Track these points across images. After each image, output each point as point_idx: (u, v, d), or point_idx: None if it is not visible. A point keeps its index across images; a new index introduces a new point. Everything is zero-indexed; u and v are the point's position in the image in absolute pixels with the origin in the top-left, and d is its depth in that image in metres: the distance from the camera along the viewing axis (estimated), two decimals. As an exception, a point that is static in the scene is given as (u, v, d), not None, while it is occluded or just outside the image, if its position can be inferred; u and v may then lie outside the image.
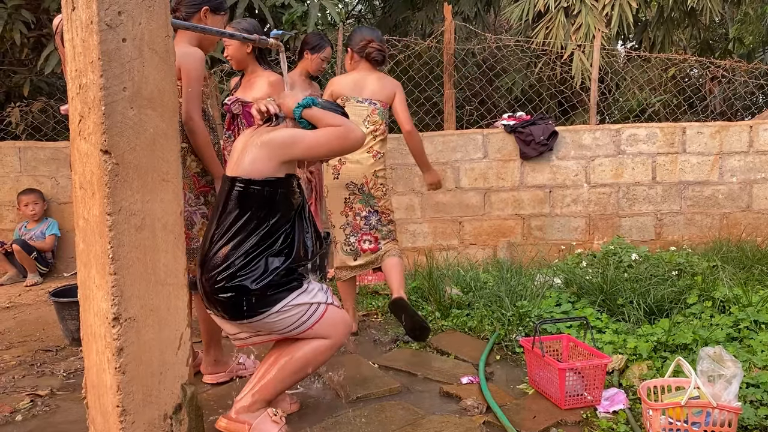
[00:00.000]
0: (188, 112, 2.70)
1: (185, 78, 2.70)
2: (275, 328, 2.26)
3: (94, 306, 1.75)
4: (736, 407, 2.12)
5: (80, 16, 1.66)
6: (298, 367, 2.33)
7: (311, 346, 2.33)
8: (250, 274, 2.18)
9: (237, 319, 2.22)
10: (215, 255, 2.21)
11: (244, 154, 2.30)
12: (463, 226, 5.57)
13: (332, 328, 2.37)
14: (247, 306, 2.18)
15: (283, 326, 2.26)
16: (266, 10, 5.57)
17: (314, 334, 2.33)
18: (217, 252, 2.21)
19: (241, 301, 2.17)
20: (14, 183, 5.39)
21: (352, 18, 12.26)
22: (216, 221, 2.29)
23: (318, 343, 2.34)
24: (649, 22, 8.21)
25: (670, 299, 3.55)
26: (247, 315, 2.20)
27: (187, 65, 2.69)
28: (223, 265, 2.18)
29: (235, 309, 2.19)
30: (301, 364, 2.33)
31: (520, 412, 2.55)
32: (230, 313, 2.21)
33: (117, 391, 1.67)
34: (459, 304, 3.85)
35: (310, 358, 2.33)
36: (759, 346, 2.92)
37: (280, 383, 2.33)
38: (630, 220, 5.54)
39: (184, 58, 2.71)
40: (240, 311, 2.19)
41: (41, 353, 3.44)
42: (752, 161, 5.44)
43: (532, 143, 5.39)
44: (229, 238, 2.22)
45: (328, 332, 2.36)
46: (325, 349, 2.36)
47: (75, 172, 1.81)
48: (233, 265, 2.18)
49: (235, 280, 2.16)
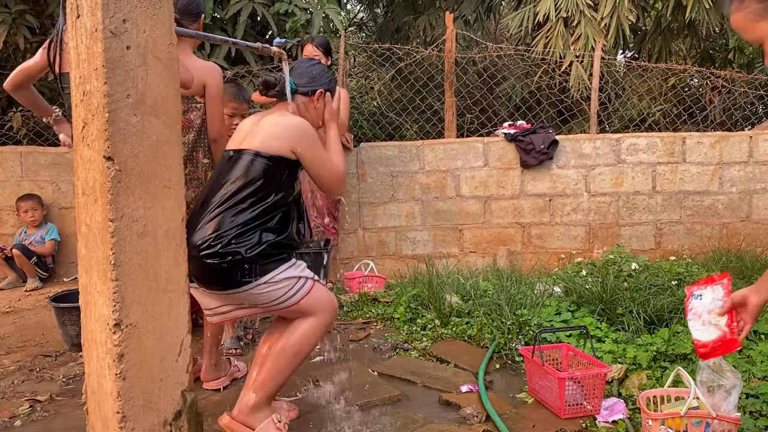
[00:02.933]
0: (220, 129, 2.77)
1: (214, 96, 2.75)
2: (261, 300, 2.25)
3: (95, 312, 1.75)
4: (735, 418, 2.12)
5: (85, 24, 1.67)
6: (294, 353, 2.31)
7: (302, 329, 2.31)
8: (244, 243, 2.18)
9: (225, 288, 2.21)
10: (210, 221, 2.21)
11: (257, 130, 2.33)
12: (463, 234, 5.57)
13: (319, 304, 2.34)
14: (239, 273, 2.18)
15: (270, 299, 2.25)
16: (270, 18, 5.59)
17: (300, 310, 2.31)
18: (214, 219, 2.21)
19: (233, 269, 2.17)
20: (15, 188, 5.40)
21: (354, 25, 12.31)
22: (214, 188, 2.29)
23: (307, 326, 2.32)
24: (648, 32, 8.24)
25: (669, 309, 3.55)
26: (237, 283, 2.19)
27: (213, 83, 2.73)
28: (218, 232, 2.18)
29: (226, 276, 2.18)
30: (295, 349, 2.31)
31: (520, 421, 2.55)
32: (219, 282, 2.20)
33: (117, 398, 1.67)
34: (459, 312, 3.85)
35: (303, 341, 2.31)
36: (758, 356, 2.92)
37: (280, 374, 2.31)
38: (630, 230, 5.54)
39: (209, 75, 2.74)
40: (230, 279, 2.18)
41: (41, 358, 3.43)
42: (752, 171, 5.45)
43: (532, 152, 5.40)
44: (229, 206, 2.22)
45: (315, 308, 2.33)
46: (315, 329, 2.33)
47: (78, 178, 1.81)
48: (228, 233, 2.18)
49: (230, 247, 2.16)
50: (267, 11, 5.61)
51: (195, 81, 2.72)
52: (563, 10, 6.92)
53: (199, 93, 2.76)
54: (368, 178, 5.48)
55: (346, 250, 5.51)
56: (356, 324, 4.01)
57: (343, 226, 5.43)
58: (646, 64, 6.67)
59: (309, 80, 2.50)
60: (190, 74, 2.69)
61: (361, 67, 9.63)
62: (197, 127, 2.76)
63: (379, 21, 11.10)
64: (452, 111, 5.80)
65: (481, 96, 7.05)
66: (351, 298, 4.49)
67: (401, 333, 3.75)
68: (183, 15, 2.81)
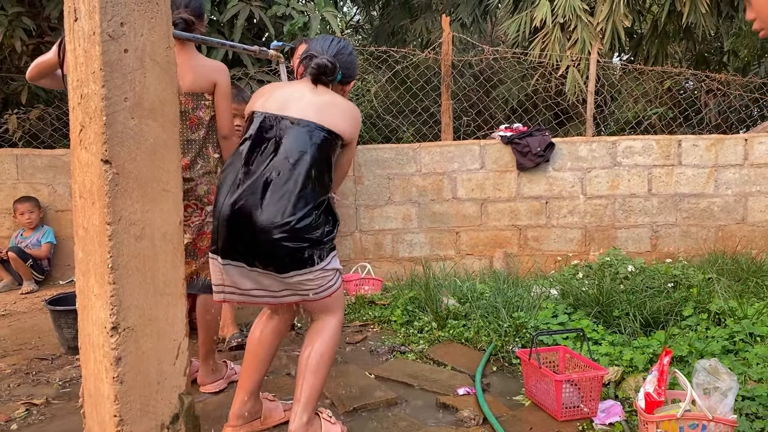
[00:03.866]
0: (230, 126, 2.85)
1: (224, 94, 2.81)
2: (308, 286, 2.20)
3: (92, 315, 1.75)
4: (731, 420, 2.13)
5: (83, 27, 1.67)
6: (329, 357, 2.31)
7: (326, 333, 2.32)
8: (319, 226, 2.17)
9: (291, 269, 2.14)
10: (282, 199, 2.11)
11: (317, 104, 2.25)
12: (460, 237, 5.58)
13: (341, 299, 2.38)
14: (312, 256, 2.15)
15: (317, 286, 2.22)
16: (267, 21, 5.59)
17: (328, 303, 2.30)
18: (285, 197, 2.11)
19: (307, 251, 2.13)
20: (11, 190, 5.39)
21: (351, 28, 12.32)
22: (271, 157, 2.17)
23: (330, 328, 2.32)
24: (644, 35, 8.28)
25: (665, 311, 3.57)
26: (304, 265, 2.15)
27: (222, 81, 2.79)
28: (295, 213, 2.10)
29: (298, 258, 2.13)
30: (330, 353, 2.31)
31: (517, 423, 2.55)
32: (288, 263, 2.13)
33: (114, 401, 1.67)
34: (456, 314, 3.86)
35: (334, 341, 2.33)
36: (754, 358, 2.93)
37: (321, 383, 2.30)
38: (626, 232, 5.56)
39: (219, 74, 2.80)
40: (300, 261, 2.13)
41: (37, 362, 3.42)
42: (747, 174, 5.47)
43: (528, 154, 5.41)
44: (301, 185, 2.13)
45: (339, 303, 2.35)
46: (339, 327, 2.36)
47: (75, 181, 1.81)
48: (309, 214, 2.12)
49: (311, 233, 2.13)
50: (264, 14, 5.62)
51: (204, 79, 2.76)
52: (560, 16, 6.94)
53: (208, 90, 2.80)
54: (365, 181, 5.49)
55: (343, 252, 5.50)
56: (353, 327, 4.01)
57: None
58: (641, 68, 6.69)
59: (351, 69, 2.46)
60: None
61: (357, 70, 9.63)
62: (206, 124, 2.81)
63: (375, 24, 11.11)
64: (449, 114, 5.81)
65: (478, 99, 7.06)
66: (348, 301, 4.49)
67: (398, 336, 3.76)
68: (198, 17, 2.84)
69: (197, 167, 2.80)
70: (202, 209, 2.81)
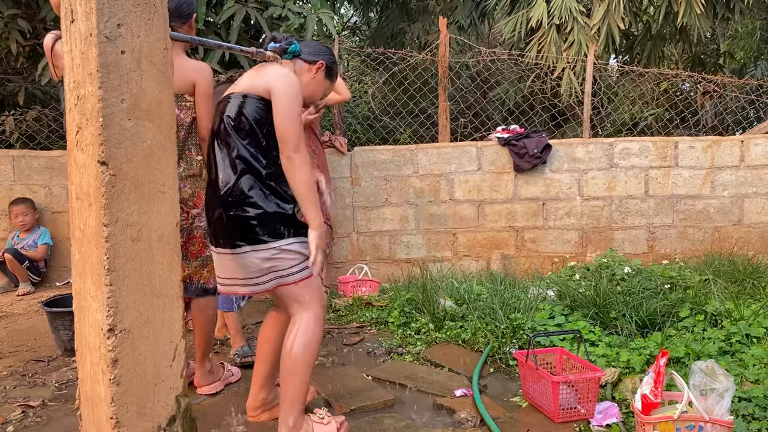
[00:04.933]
0: (209, 128, 2.75)
1: (202, 94, 2.76)
2: (269, 265, 2.24)
3: (89, 317, 1.74)
4: (728, 421, 2.13)
5: (79, 28, 1.67)
6: (303, 355, 2.26)
7: (299, 330, 2.28)
8: (277, 198, 2.27)
9: (253, 242, 2.22)
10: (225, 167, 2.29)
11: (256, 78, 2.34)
12: (457, 238, 5.58)
13: (315, 293, 2.33)
14: (261, 233, 2.23)
15: (279, 267, 2.24)
16: (263, 22, 5.59)
17: (294, 293, 2.29)
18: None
19: (262, 223, 2.22)
20: (7, 192, 5.38)
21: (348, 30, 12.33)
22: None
23: (303, 323, 2.29)
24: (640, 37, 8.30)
25: (662, 312, 3.57)
26: (265, 239, 2.22)
27: (202, 82, 2.75)
28: (250, 188, 2.24)
29: (250, 229, 2.22)
30: (303, 352, 2.26)
31: (514, 425, 2.55)
32: (244, 235, 2.23)
33: (111, 403, 1.67)
34: (453, 316, 3.86)
35: (304, 340, 2.27)
36: (751, 360, 2.94)
37: (300, 381, 2.27)
38: (623, 233, 5.57)
39: (199, 73, 2.76)
40: (257, 234, 2.22)
41: (33, 363, 3.41)
42: (743, 175, 5.49)
43: (525, 156, 5.42)
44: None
45: (311, 296, 2.31)
46: (311, 324, 2.30)
47: (71, 182, 1.81)
48: (265, 186, 2.26)
49: (253, 203, 2.23)
50: (261, 15, 5.62)
51: (184, 80, 2.72)
52: (556, 17, 6.95)
53: (189, 91, 2.76)
54: (362, 182, 5.49)
55: (340, 254, 5.51)
56: (350, 328, 4.01)
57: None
58: (638, 69, 6.70)
59: (314, 50, 2.53)
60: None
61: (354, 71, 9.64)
62: (187, 126, 2.76)
63: (373, 25, 11.12)
64: (446, 115, 5.82)
65: (475, 100, 7.07)
66: (345, 303, 4.49)
67: (395, 337, 3.75)
68: (173, 17, 2.80)
69: (179, 170, 2.76)
70: (188, 213, 2.76)
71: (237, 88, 2.36)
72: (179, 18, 2.82)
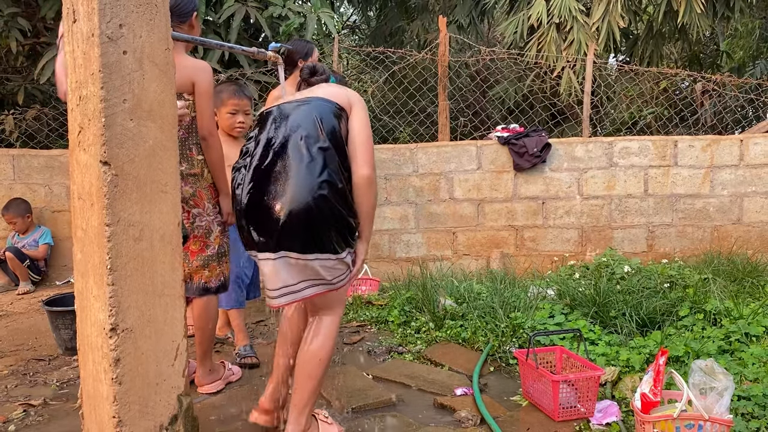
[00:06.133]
0: (209, 128, 2.75)
1: (203, 93, 2.73)
2: (325, 274, 2.20)
3: (91, 316, 1.75)
4: (727, 420, 2.14)
5: (81, 29, 1.68)
6: (326, 361, 2.29)
7: (326, 334, 2.31)
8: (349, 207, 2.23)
9: (328, 251, 2.16)
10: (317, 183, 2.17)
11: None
12: (457, 237, 5.59)
13: (343, 298, 2.40)
14: (346, 238, 2.21)
15: (332, 275, 2.22)
16: (263, 21, 5.59)
17: (332, 299, 2.31)
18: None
19: (343, 232, 2.19)
20: (7, 191, 5.38)
21: (347, 28, 12.33)
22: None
23: (329, 327, 2.32)
24: (639, 36, 8.30)
25: (662, 311, 3.58)
26: (341, 248, 2.20)
27: (202, 81, 2.72)
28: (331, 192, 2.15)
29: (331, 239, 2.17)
30: (327, 358, 2.29)
31: (514, 424, 2.56)
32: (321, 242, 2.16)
33: (113, 402, 1.67)
34: (453, 315, 3.87)
35: (329, 346, 2.31)
36: (750, 358, 2.94)
37: (318, 385, 2.30)
38: (622, 232, 5.58)
39: (198, 73, 2.73)
40: (335, 243, 2.18)
41: (34, 362, 3.42)
42: (743, 174, 5.49)
43: (525, 155, 5.43)
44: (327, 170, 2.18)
45: (341, 301, 2.38)
46: (336, 329, 2.35)
47: (74, 182, 1.81)
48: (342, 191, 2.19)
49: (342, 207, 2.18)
50: (260, 15, 5.62)
51: (184, 79, 2.71)
52: (555, 16, 6.96)
53: (188, 90, 2.74)
54: (362, 182, 5.48)
55: (340, 253, 5.51)
56: (350, 327, 4.02)
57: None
58: (637, 68, 6.71)
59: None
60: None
61: (354, 70, 9.64)
62: (186, 125, 2.75)
63: (372, 24, 11.12)
64: (445, 114, 5.82)
65: (475, 99, 7.08)
66: (345, 301, 4.49)
67: (395, 336, 3.76)
68: (172, 16, 2.78)
69: (181, 169, 2.75)
70: (189, 212, 2.76)
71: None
72: (178, 17, 2.81)
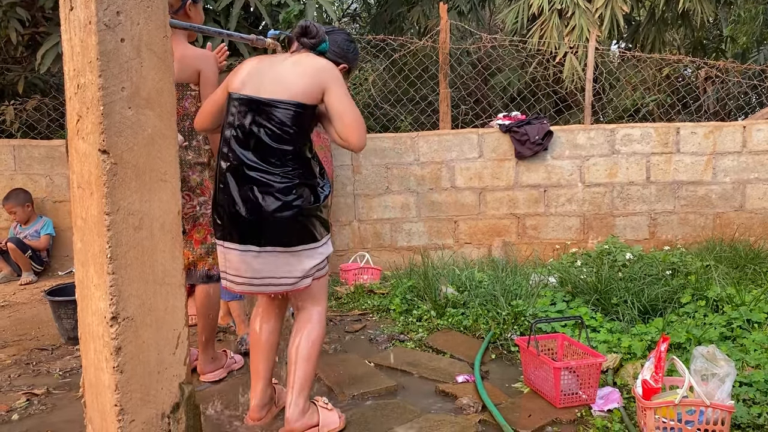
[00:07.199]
0: None
1: (208, 82, 2.73)
2: (300, 265, 2.25)
3: (92, 305, 1.75)
4: (729, 406, 2.14)
5: (78, 16, 1.66)
6: (319, 344, 2.37)
7: (315, 321, 2.37)
8: (313, 201, 2.26)
9: (302, 243, 2.23)
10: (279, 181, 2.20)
11: (285, 77, 2.21)
12: (459, 225, 5.58)
13: (325, 291, 2.44)
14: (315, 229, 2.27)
15: (307, 265, 2.26)
16: (262, 9, 5.56)
17: (311, 291, 2.34)
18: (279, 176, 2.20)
19: (308, 224, 2.25)
20: (9, 181, 5.37)
21: (347, 16, 12.25)
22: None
23: (317, 315, 2.38)
24: (642, 22, 8.25)
25: (663, 298, 3.58)
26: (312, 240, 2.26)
27: (207, 69, 2.72)
28: (293, 190, 2.20)
29: (301, 232, 2.23)
30: (319, 341, 2.37)
31: (516, 410, 2.56)
32: (293, 237, 2.22)
33: (115, 390, 1.68)
34: (454, 303, 3.87)
35: (320, 330, 2.37)
36: (752, 345, 2.94)
37: (313, 368, 2.35)
38: (624, 220, 5.57)
39: (204, 62, 2.74)
40: (307, 235, 2.25)
41: (37, 352, 3.43)
42: (745, 161, 5.47)
43: (527, 143, 5.41)
44: (290, 166, 2.21)
45: (322, 293, 2.41)
46: (323, 317, 2.41)
47: (73, 171, 1.81)
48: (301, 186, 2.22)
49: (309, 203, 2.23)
50: (260, 2, 5.58)
51: (188, 68, 2.71)
52: (557, 2, 6.91)
53: (194, 80, 2.74)
54: (363, 170, 5.48)
55: (342, 242, 5.51)
56: (352, 316, 4.03)
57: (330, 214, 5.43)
58: (640, 55, 6.67)
59: (341, 51, 2.47)
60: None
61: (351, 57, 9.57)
62: (192, 115, 2.74)
63: (372, 11, 11.05)
64: (447, 102, 5.80)
65: (476, 87, 7.04)
66: (347, 290, 4.50)
67: (397, 324, 3.77)
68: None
69: (188, 157, 2.76)
70: (194, 200, 2.79)
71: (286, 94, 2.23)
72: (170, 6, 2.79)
